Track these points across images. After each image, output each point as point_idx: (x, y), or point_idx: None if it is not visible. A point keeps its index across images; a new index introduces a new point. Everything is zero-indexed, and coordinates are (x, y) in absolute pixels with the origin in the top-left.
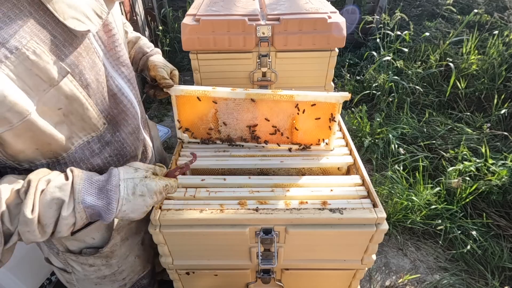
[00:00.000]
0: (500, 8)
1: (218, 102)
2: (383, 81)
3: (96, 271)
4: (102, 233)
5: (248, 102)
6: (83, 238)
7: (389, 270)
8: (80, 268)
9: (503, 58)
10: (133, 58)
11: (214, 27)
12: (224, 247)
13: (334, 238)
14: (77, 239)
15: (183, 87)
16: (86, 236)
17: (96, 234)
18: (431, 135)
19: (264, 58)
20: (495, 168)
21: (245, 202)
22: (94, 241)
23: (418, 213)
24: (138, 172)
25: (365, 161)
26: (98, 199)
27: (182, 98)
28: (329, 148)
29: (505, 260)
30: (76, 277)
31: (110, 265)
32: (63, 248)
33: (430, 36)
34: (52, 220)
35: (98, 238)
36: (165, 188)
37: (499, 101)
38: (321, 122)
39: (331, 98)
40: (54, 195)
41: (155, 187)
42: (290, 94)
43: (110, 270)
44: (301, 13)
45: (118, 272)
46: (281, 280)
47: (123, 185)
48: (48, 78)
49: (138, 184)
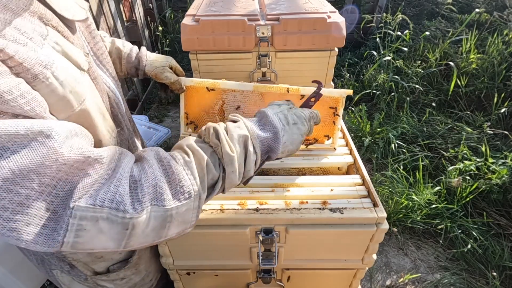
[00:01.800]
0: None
1: (226, 92)
2: (383, 81)
3: (128, 282)
4: None
5: (255, 95)
6: (110, 256)
7: (389, 270)
8: (112, 285)
9: (503, 57)
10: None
11: (214, 27)
12: (224, 247)
13: (334, 238)
14: (105, 259)
15: (192, 78)
16: (113, 254)
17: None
18: (431, 134)
19: (264, 58)
20: (495, 167)
21: (245, 202)
22: (120, 256)
23: (418, 212)
24: (282, 106)
25: (365, 160)
26: (265, 132)
27: (190, 90)
28: (333, 146)
29: (505, 259)
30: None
31: (139, 271)
32: (90, 273)
33: (429, 35)
34: (243, 158)
35: (124, 252)
36: (311, 116)
37: (499, 100)
38: (325, 116)
39: (334, 93)
40: (239, 132)
41: (303, 114)
42: (296, 88)
43: (139, 277)
44: (301, 13)
45: (146, 276)
46: (281, 280)
47: (276, 118)
48: (79, 65)
49: (288, 114)
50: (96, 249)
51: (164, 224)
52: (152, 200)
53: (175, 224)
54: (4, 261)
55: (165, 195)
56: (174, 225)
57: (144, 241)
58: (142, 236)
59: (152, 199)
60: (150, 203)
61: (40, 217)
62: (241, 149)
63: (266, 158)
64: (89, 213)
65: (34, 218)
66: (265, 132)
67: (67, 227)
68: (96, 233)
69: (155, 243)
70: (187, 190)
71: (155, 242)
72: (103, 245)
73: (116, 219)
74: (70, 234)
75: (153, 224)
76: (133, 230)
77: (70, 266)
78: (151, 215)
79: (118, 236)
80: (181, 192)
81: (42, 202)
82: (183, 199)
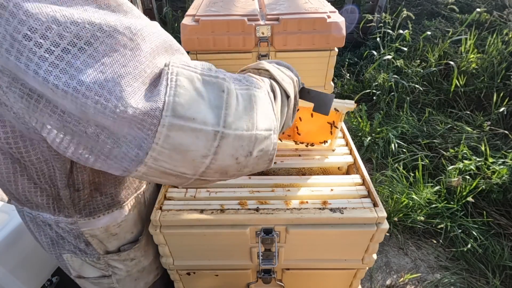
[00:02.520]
0: (499, 6)
1: None
2: (382, 80)
3: (137, 264)
4: (138, 228)
5: None
6: (123, 235)
7: (390, 270)
8: (122, 265)
9: (503, 56)
10: None
11: (214, 28)
12: (224, 247)
13: (334, 238)
14: (118, 237)
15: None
16: (126, 232)
17: (134, 229)
18: (431, 134)
19: (264, 58)
20: (495, 167)
21: (246, 202)
22: (132, 235)
23: (418, 212)
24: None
25: (365, 160)
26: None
27: None
28: (330, 148)
29: (506, 258)
30: (117, 278)
31: (148, 254)
32: (102, 251)
33: (429, 35)
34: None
35: (135, 232)
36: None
37: (499, 100)
38: (323, 127)
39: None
40: (289, 73)
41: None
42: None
43: (148, 260)
44: (301, 13)
45: (153, 261)
46: (282, 280)
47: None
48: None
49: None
50: (196, 121)
51: (251, 104)
52: (237, 82)
53: (260, 111)
54: (4, 261)
55: (253, 83)
56: (260, 112)
57: (239, 124)
58: (236, 115)
59: (239, 82)
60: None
61: (143, 82)
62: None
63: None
64: (184, 70)
65: (137, 82)
66: (293, 72)
67: (167, 82)
68: (195, 95)
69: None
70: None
71: (247, 134)
72: (203, 115)
73: (210, 79)
74: (170, 91)
75: (242, 101)
76: (228, 96)
77: (85, 243)
78: (237, 92)
79: (217, 101)
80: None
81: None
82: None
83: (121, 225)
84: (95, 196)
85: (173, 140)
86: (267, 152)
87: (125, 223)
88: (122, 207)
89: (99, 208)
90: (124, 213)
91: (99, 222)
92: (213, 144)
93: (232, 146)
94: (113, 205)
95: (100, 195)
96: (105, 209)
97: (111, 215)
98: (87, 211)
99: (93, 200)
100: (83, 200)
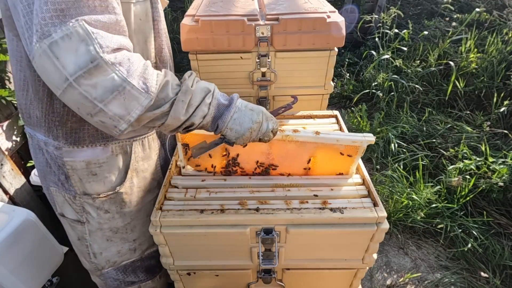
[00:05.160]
0: (499, 6)
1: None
2: (382, 80)
3: (110, 219)
4: (120, 176)
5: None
6: (103, 178)
7: (390, 269)
8: (95, 214)
9: (502, 56)
10: None
11: (213, 28)
12: (225, 248)
13: (335, 238)
14: (97, 179)
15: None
16: (106, 177)
17: (115, 176)
18: (431, 133)
19: (264, 58)
20: (495, 167)
21: (246, 202)
22: (112, 184)
23: (418, 211)
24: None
25: (365, 160)
26: (225, 101)
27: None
28: (350, 176)
29: (506, 258)
30: (90, 228)
31: (124, 214)
32: (80, 191)
33: (429, 34)
34: (196, 103)
35: (116, 180)
36: (271, 118)
37: (499, 99)
38: (338, 160)
39: (347, 141)
40: (205, 85)
41: (262, 108)
42: (312, 139)
43: (123, 221)
44: (300, 13)
45: (130, 228)
46: (282, 280)
47: (239, 100)
48: None
49: (249, 103)
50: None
51: (114, 89)
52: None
53: (119, 101)
54: (4, 261)
55: (133, 71)
56: (118, 101)
57: (90, 91)
58: (91, 84)
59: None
60: (124, 67)
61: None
62: (199, 94)
63: (216, 127)
64: (87, 30)
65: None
66: (223, 100)
67: (66, 26)
68: (71, 49)
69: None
70: (147, 84)
71: (92, 101)
72: (66, 62)
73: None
74: (61, 33)
75: (107, 82)
76: (95, 68)
77: (65, 176)
78: (112, 76)
79: (82, 64)
80: (144, 81)
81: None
82: (139, 85)
83: (102, 166)
84: (83, 124)
85: (41, 60)
86: (109, 127)
87: (106, 165)
88: (106, 146)
89: (83, 138)
90: (107, 154)
91: (81, 153)
92: (63, 85)
93: (75, 98)
94: (97, 139)
95: (88, 124)
96: (89, 141)
97: (94, 150)
98: (73, 138)
99: (80, 128)
100: (70, 121)
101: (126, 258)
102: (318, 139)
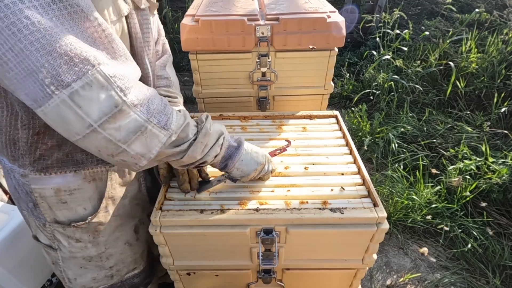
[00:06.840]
0: (500, 6)
1: None
2: (382, 80)
3: (83, 248)
4: (93, 204)
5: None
6: (75, 206)
7: (390, 269)
8: (66, 242)
9: (503, 56)
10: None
11: (213, 28)
12: (224, 248)
13: (335, 238)
14: (69, 207)
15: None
16: (78, 205)
17: (88, 204)
18: (431, 134)
19: (264, 58)
20: (496, 167)
21: (246, 202)
22: (85, 212)
23: (418, 212)
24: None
25: (365, 160)
26: (234, 143)
27: None
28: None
29: (506, 258)
30: (62, 255)
31: (98, 243)
32: (50, 219)
33: (429, 35)
34: (211, 144)
35: (89, 209)
36: (270, 160)
37: (499, 100)
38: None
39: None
40: (219, 128)
41: (265, 152)
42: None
43: (96, 250)
44: (300, 13)
45: (105, 257)
46: (282, 280)
47: (246, 143)
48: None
49: (254, 146)
50: (82, 109)
51: (136, 130)
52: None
53: (141, 140)
54: (4, 261)
55: (155, 113)
56: (140, 141)
57: (114, 134)
58: (115, 128)
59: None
60: (145, 108)
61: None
62: (214, 136)
63: (224, 166)
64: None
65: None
66: (233, 142)
67: (84, 74)
68: (94, 98)
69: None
70: (167, 121)
71: (116, 144)
72: (89, 110)
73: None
74: (80, 82)
75: (130, 124)
76: (119, 112)
77: (34, 204)
78: (134, 117)
79: (106, 109)
80: (164, 118)
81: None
82: (160, 123)
83: (73, 194)
84: (52, 150)
85: (59, 110)
86: (130, 165)
87: (78, 192)
88: (77, 172)
89: (52, 165)
90: (78, 181)
91: (50, 180)
92: (85, 131)
93: (98, 143)
94: (67, 164)
95: (58, 150)
96: (58, 168)
97: (64, 176)
98: (41, 165)
99: (50, 155)
100: (39, 149)
101: (103, 283)
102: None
